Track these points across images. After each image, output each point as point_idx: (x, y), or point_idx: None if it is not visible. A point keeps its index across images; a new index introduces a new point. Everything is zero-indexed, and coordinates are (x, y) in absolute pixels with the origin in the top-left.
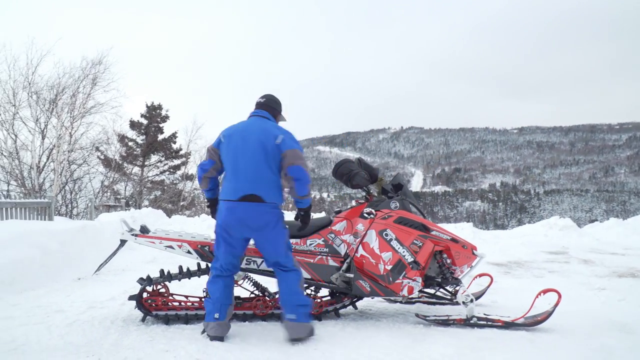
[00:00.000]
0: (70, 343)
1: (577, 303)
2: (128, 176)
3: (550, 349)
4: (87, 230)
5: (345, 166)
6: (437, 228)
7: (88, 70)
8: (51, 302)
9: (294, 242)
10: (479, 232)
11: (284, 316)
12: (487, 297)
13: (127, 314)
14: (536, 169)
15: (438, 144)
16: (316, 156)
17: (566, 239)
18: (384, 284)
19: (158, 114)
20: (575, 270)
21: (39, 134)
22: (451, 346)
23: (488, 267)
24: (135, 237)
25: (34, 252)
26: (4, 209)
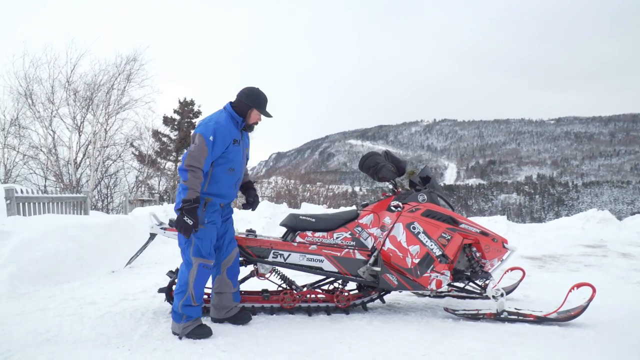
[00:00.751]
0: (102, 334)
1: (614, 297)
2: (162, 171)
3: (584, 345)
4: (121, 224)
5: (371, 159)
6: (466, 221)
7: (122, 67)
8: (85, 294)
9: (321, 236)
10: (512, 225)
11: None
12: (520, 292)
13: (157, 306)
14: (574, 161)
15: (472, 136)
16: (348, 150)
17: (604, 231)
18: (412, 278)
19: (190, 109)
20: (613, 264)
21: (75, 131)
22: (480, 341)
23: (521, 260)
24: (164, 231)
25: (69, 245)
26: (41, 203)
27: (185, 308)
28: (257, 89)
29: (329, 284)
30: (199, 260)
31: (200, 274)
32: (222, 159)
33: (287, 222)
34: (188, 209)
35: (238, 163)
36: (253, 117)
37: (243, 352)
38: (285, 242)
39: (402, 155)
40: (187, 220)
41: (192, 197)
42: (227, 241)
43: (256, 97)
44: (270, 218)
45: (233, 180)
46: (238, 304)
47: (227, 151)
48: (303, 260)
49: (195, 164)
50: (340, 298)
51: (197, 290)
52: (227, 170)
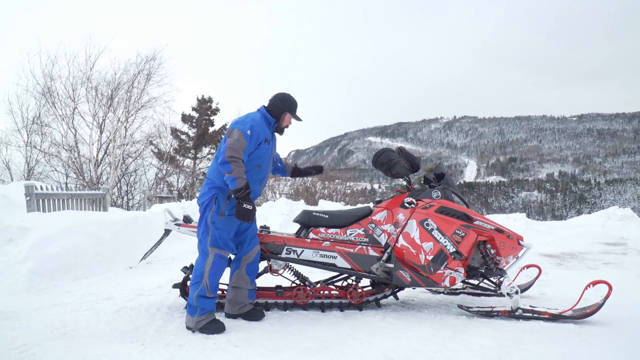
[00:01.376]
0: (117, 329)
1: (632, 295)
2: (180, 168)
3: (599, 343)
4: (139, 221)
5: (385, 155)
6: (480, 218)
7: (142, 65)
8: (102, 289)
9: (334, 232)
10: (531, 223)
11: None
12: (536, 289)
13: (172, 302)
14: (597, 158)
15: (492, 133)
16: (367, 147)
17: (625, 229)
18: (425, 275)
19: (208, 107)
20: (633, 262)
21: (97, 128)
22: (493, 338)
23: (539, 258)
24: (179, 227)
25: (88, 241)
26: (61, 200)
27: (200, 299)
28: (289, 95)
29: (342, 281)
30: (215, 250)
31: (216, 264)
32: (251, 154)
33: (300, 218)
34: (243, 196)
35: (265, 161)
36: (286, 120)
37: (255, 348)
38: (298, 238)
39: (422, 153)
40: (246, 206)
41: (242, 184)
42: (250, 237)
43: (289, 101)
44: (288, 215)
45: (259, 177)
46: (252, 301)
47: (258, 148)
48: (316, 257)
49: (235, 154)
50: (354, 294)
51: (212, 280)
52: (254, 166)
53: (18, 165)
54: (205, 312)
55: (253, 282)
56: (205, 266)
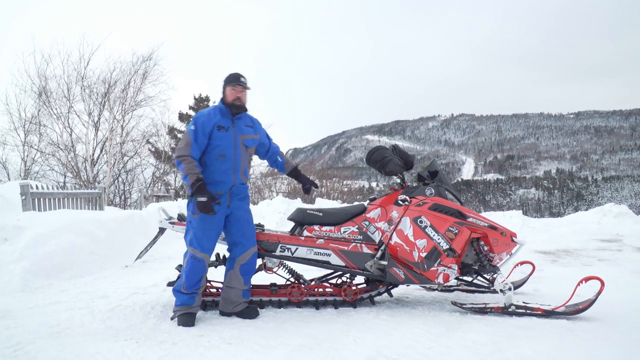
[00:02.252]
0: (111, 327)
1: (626, 292)
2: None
3: (591, 338)
4: (135, 219)
5: (378, 153)
6: (474, 215)
7: (138, 65)
8: (97, 288)
9: (328, 230)
10: (528, 220)
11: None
12: (530, 286)
13: (167, 300)
14: (594, 155)
15: (490, 131)
16: (364, 145)
17: (621, 226)
18: (419, 272)
19: (205, 105)
20: (627, 259)
21: (92, 127)
22: (486, 334)
23: (534, 255)
24: (173, 225)
25: (83, 240)
26: (56, 199)
27: (175, 292)
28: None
29: (336, 278)
30: (191, 250)
31: (190, 264)
32: (209, 146)
33: (294, 216)
34: (196, 189)
35: (227, 148)
36: (228, 95)
37: (249, 345)
38: (292, 236)
39: (419, 151)
40: (200, 199)
41: (193, 179)
42: (245, 238)
43: (226, 77)
44: (284, 213)
45: (225, 166)
46: (247, 300)
47: (212, 137)
48: (310, 254)
49: (182, 153)
50: (348, 292)
51: (186, 278)
52: (216, 156)
53: (15, 164)
54: (179, 304)
55: (247, 282)
56: (184, 263)
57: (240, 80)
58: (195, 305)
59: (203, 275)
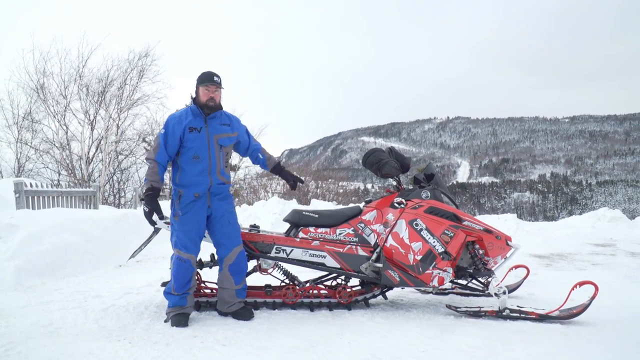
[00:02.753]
0: (104, 327)
1: (620, 296)
2: None
3: (585, 343)
4: (129, 219)
5: (375, 155)
6: (469, 218)
7: (135, 62)
8: (90, 287)
9: (323, 232)
10: (522, 224)
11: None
12: (524, 289)
13: (161, 300)
14: (588, 159)
15: (485, 134)
16: (360, 147)
17: (615, 231)
18: (414, 275)
19: None
20: (621, 263)
21: (88, 126)
22: (480, 338)
23: (529, 259)
24: (168, 225)
25: (77, 239)
26: (50, 197)
27: (166, 294)
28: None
29: (331, 280)
30: (175, 251)
31: (177, 266)
32: (182, 148)
33: (290, 217)
34: (145, 197)
35: (202, 150)
36: (202, 95)
37: (243, 346)
38: (288, 237)
39: (415, 153)
40: (144, 207)
41: (147, 186)
42: (227, 239)
43: (199, 76)
44: (279, 214)
45: (200, 167)
46: (241, 300)
47: (184, 139)
48: (305, 256)
49: (149, 156)
50: (343, 294)
51: (175, 280)
52: (190, 158)
53: (8, 161)
54: (171, 305)
55: (239, 282)
56: (171, 265)
57: (214, 80)
58: (188, 306)
59: (192, 276)
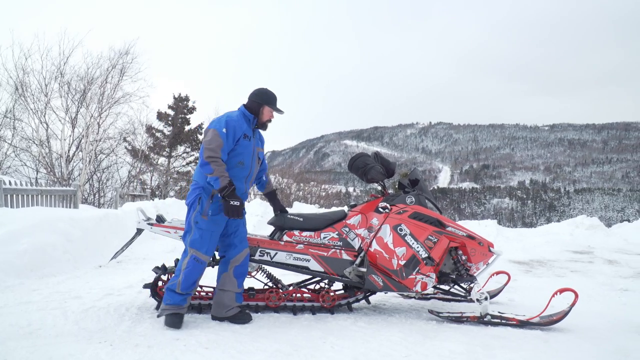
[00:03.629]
0: (85, 329)
1: (598, 303)
2: (154, 166)
3: (564, 349)
4: (110, 219)
5: (361, 160)
6: (452, 224)
7: (116, 60)
8: (70, 288)
9: (308, 235)
10: (502, 230)
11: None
12: (505, 295)
13: (142, 302)
14: (567, 167)
15: (467, 140)
16: (343, 150)
17: (592, 238)
18: (397, 279)
19: (185, 105)
20: (598, 270)
21: (69, 124)
22: (462, 343)
23: (509, 265)
24: (151, 227)
25: (57, 238)
26: (30, 195)
27: (168, 291)
28: (267, 89)
29: (315, 284)
30: (192, 251)
31: (191, 266)
32: (232, 152)
33: (275, 221)
34: (228, 194)
35: (248, 157)
36: (265, 114)
37: (225, 350)
38: (272, 240)
39: (397, 157)
40: (233, 203)
41: (225, 182)
42: (239, 239)
43: (265, 94)
44: (262, 216)
45: (242, 174)
46: (239, 305)
47: (237, 144)
48: (290, 259)
49: (213, 154)
50: (326, 298)
51: (184, 279)
52: (236, 163)
53: None
54: (171, 303)
55: (241, 286)
56: (183, 263)
57: (280, 110)
58: (185, 307)
59: (199, 278)
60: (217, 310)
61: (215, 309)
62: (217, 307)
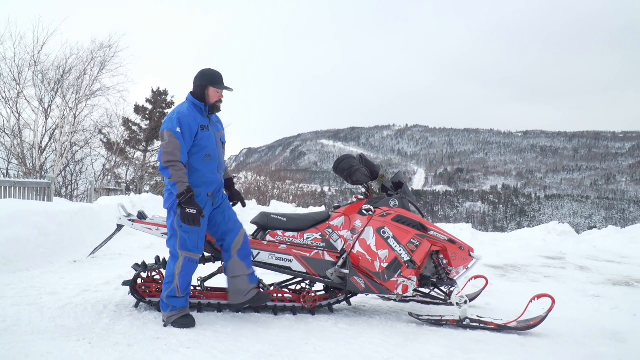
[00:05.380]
0: (62, 326)
1: (571, 309)
2: (130, 160)
3: (541, 354)
4: (85, 213)
5: (346, 162)
6: (435, 228)
7: (96, 52)
8: (45, 283)
9: (291, 235)
10: (477, 234)
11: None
12: (481, 299)
13: (120, 299)
14: (538, 173)
15: (442, 144)
16: (319, 150)
17: (564, 244)
18: (379, 282)
19: (163, 99)
20: (571, 277)
21: (42, 114)
22: (442, 347)
23: (484, 269)
24: (132, 223)
25: (30, 232)
26: (2, 187)
27: (170, 299)
28: (208, 68)
29: (296, 284)
30: (184, 253)
31: (186, 267)
32: (194, 147)
33: (258, 220)
34: (185, 201)
35: (212, 148)
36: (212, 96)
37: (207, 350)
38: (255, 240)
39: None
40: (189, 211)
41: (183, 188)
42: (232, 223)
43: (208, 75)
44: (239, 214)
45: (212, 165)
46: (255, 286)
47: (197, 138)
48: (272, 259)
49: (172, 158)
50: (307, 298)
51: (182, 282)
52: (203, 157)
53: None
54: (176, 308)
55: (250, 266)
56: (175, 269)
57: (228, 87)
58: (188, 307)
59: (193, 275)
60: (235, 298)
61: (233, 297)
62: (234, 295)
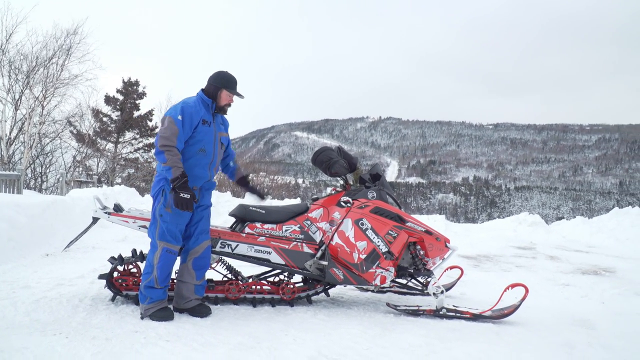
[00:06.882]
0: (37, 320)
1: (543, 298)
2: (101, 152)
3: (515, 341)
4: (57, 206)
5: (325, 154)
6: (412, 219)
7: (62, 40)
8: (18, 277)
9: (270, 228)
10: (450, 225)
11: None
12: (457, 289)
13: (96, 293)
14: (508, 165)
15: (415, 136)
16: (293, 141)
17: (534, 235)
18: (358, 273)
19: (135, 90)
20: (541, 266)
21: (11, 105)
22: (420, 336)
23: (458, 259)
24: (109, 216)
25: (1, 225)
26: None
27: (148, 289)
28: (225, 71)
29: (274, 276)
30: (163, 244)
31: (164, 258)
32: (191, 139)
33: (236, 212)
34: (179, 186)
35: (209, 144)
36: (224, 98)
37: (187, 342)
38: (234, 232)
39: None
40: (183, 196)
41: (178, 173)
42: (198, 231)
43: (224, 78)
44: (214, 206)
45: (205, 161)
46: (199, 297)
47: (196, 131)
48: (251, 252)
49: (168, 143)
50: (286, 290)
51: (160, 273)
52: (197, 150)
53: None
54: (154, 300)
55: (200, 278)
56: (154, 259)
57: (240, 94)
58: (167, 299)
59: (172, 268)
60: (176, 302)
61: (175, 300)
62: (176, 298)
